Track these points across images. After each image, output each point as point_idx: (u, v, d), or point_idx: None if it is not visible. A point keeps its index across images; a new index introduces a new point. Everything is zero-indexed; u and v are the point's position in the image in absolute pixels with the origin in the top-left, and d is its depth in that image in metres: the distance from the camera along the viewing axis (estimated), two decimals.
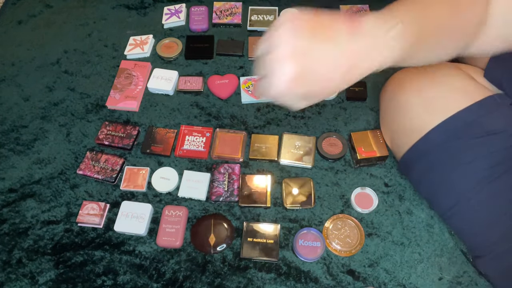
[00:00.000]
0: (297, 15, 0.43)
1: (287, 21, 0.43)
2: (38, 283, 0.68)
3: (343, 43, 0.43)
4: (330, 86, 0.45)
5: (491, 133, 0.61)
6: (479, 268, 0.65)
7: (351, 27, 0.43)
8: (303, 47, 0.42)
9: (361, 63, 0.44)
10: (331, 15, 0.44)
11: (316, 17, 0.43)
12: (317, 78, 0.43)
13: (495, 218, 0.60)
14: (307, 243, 0.69)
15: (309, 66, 0.42)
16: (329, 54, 0.42)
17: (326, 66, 0.43)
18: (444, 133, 0.63)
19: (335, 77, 0.44)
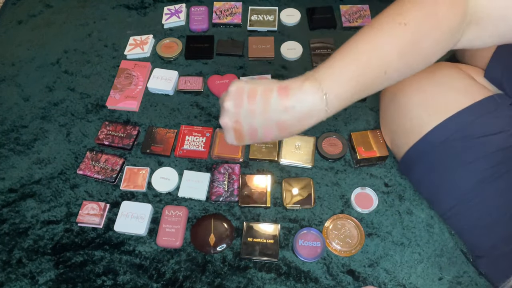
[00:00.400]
0: (240, 89, 0.52)
1: (232, 95, 0.52)
2: (38, 283, 0.68)
3: (276, 116, 0.51)
4: (268, 140, 0.55)
5: (491, 133, 0.61)
6: (480, 268, 0.65)
7: (284, 99, 0.50)
8: (242, 119, 0.53)
9: (293, 127, 0.52)
10: (267, 87, 0.51)
11: (254, 91, 0.52)
12: (256, 137, 0.54)
13: (496, 218, 0.60)
14: (307, 243, 0.69)
15: (247, 132, 0.54)
16: (264, 123, 0.52)
17: (261, 132, 0.53)
18: (444, 133, 0.63)
19: (271, 136, 0.54)
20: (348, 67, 0.49)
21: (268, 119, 0.51)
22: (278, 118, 0.51)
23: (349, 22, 0.97)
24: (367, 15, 0.98)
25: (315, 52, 0.93)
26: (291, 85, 0.50)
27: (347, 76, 0.49)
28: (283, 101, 0.50)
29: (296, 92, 0.49)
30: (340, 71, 0.49)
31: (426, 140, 0.65)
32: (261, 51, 0.94)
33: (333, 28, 0.98)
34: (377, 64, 0.49)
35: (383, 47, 0.49)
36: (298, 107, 0.49)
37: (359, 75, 0.49)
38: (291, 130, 0.52)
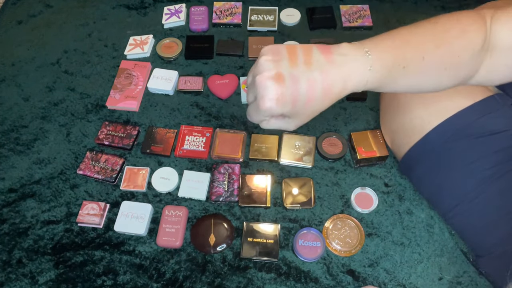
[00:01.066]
0: (277, 45, 0.49)
1: (269, 50, 0.49)
2: (38, 283, 0.68)
3: (319, 68, 0.47)
4: (310, 106, 0.49)
5: (492, 133, 0.61)
6: (481, 267, 0.65)
7: (326, 53, 0.47)
8: (284, 70, 0.47)
9: (337, 84, 0.48)
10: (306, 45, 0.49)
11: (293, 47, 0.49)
12: (298, 98, 0.48)
13: (498, 218, 0.60)
14: (307, 243, 0.69)
15: (290, 87, 0.47)
16: (307, 76, 0.47)
17: (305, 86, 0.47)
18: (445, 133, 0.63)
19: (314, 97, 0.48)
20: (388, 40, 0.49)
21: (312, 69, 0.47)
22: (322, 68, 0.47)
23: (349, 22, 0.97)
24: (367, 15, 0.98)
25: None
26: (330, 45, 0.49)
27: (388, 45, 0.49)
28: (326, 54, 0.47)
29: (337, 48, 0.48)
30: (381, 41, 0.49)
31: (427, 140, 0.65)
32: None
33: (333, 28, 0.98)
34: (415, 44, 0.49)
35: (419, 33, 0.50)
36: (342, 59, 0.47)
37: (398, 47, 0.49)
38: (334, 86, 0.48)
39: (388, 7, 1.01)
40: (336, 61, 0.47)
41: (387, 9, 1.01)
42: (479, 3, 0.75)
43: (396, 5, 1.02)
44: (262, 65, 0.47)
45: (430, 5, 1.01)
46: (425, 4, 1.02)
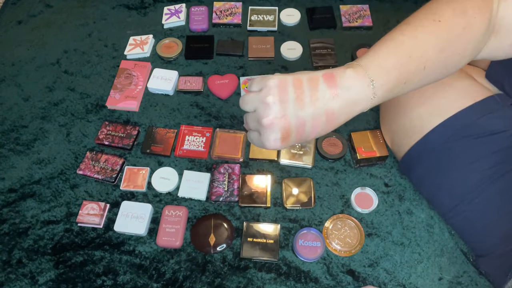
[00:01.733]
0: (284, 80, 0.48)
1: (275, 88, 0.48)
2: (38, 283, 0.68)
3: (325, 105, 0.48)
4: (314, 135, 0.51)
5: (492, 133, 0.61)
6: (481, 267, 0.65)
7: (332, 86, 0.47)
8: (290, 113, 0.48)
9: (340, 117, 0.49)
10: (310, 75, 0.49)
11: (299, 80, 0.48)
12: (303, 135, 0.50)
13: (497, 218, 0.60)
14: (307, 243, 0.69)
15: (295, 129, 0.49)
16: (313, 115, 0.48)
17: (310, 125, 0.49)
18: (445, 133, 0.63)
19: (318, 129, 0.50)
20: (391, 56, 0.48)
21: (317, 108, 0.48)
22: (327, 106, 0.48)
23: (349, 22, 0.97)
24: (367, 15, 0.98)
25: (315, 52, 0.93)
26: (336, 72, 0.48)
27: (391, 64, 0.48)
28: (332, 89, 0.47)
29: (343, 78, 0.48)
30: (385, 59, 0.48)
31: (427, 140, 0.65)
32: (261, 51, 0.94)
33: (333, 28, 0.98)
34: (417, 55, 0.48)
35: (422, 40, 0.49)
36: (347, 94, 0.47)
37: (402, 65, 0.48)
38: (337, 120, 0.49)
39: (388, 7, 1.01)
40: (341, 96, 0.47)
41: (387, 9, 1.01)
42: None
43: (396, 5, 1.02)
44: (269, 107, 0.47)
45: None
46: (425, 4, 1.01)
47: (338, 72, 0.48)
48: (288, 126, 0.48)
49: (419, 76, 0.50)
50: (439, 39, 0.49)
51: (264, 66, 0.92)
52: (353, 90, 0.47)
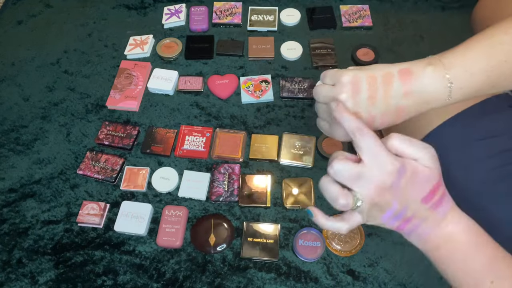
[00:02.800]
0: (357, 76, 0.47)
1: (349, 84, 0.47)
2: (38, 283, 0.68)
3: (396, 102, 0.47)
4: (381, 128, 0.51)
5: (492, 135, 0.61)
6: None
7: (406, 83, 0.46)
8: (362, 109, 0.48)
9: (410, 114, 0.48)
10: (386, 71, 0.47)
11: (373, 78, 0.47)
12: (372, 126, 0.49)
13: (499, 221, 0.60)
14: (307, 243, 0.69)
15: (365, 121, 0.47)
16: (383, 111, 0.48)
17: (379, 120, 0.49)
18: (446, 135, 0.63)
19: (386, 124, 0.49)
20: (483, 58, 0.45)
21: (389, 105, 0.47)
22: (398, 103, 0.47)
23: (349, 22, 0.97)
24: (367, 15, 0.98)
25: (315, 52, 0.93)
26: (413, 69, 0.46)
27: (479, 67, 0.45)
28: (406, 86, 0.46)
29: (419, 77, 0.46)
30: (472, 61, 0.45)
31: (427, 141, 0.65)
32: (261, 51, 0.94)
33: (333, 28, 0.98)
34: (504, 59, 0.45)
35: (505, 41, 0.46)
36: (420, 94, 0.46)
37: (493, 69, 0.45)
38: (407, 115, 0.48)
39: (388, 7, 1.01)
40: (414, 96, 0.46)
41: (387, 9, 1.01)
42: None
43: (396, 5, 1.02)
44: (343, 100, 0.47)
45: (430, 5, 1.01)
46: (425, 4, 1.02)
47: (416, 69, 0.46)
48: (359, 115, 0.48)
49: (510, 80, 0.47)
50: None
51: (264, 66, 0.92)
52: (428, 92, 0.46)
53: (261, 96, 0.86)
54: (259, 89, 0.87)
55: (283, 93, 0.86)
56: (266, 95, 0.87)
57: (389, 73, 0.47)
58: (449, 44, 0.49)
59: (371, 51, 0.91)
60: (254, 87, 0.88)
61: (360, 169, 0.44)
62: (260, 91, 0.87)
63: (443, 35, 0.95)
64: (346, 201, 0.46)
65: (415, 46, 0.93)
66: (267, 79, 0.89)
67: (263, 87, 0.88)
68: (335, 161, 0.45)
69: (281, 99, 0.87)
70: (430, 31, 0.96)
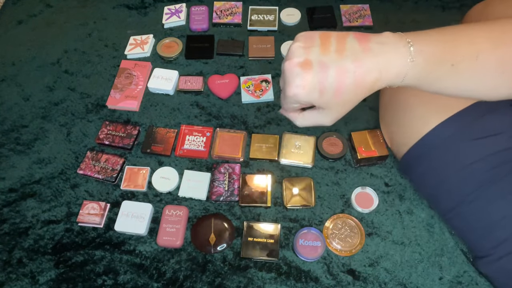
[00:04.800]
0: (311, 32, 0.48)
1: (301, 37, 0.47)
2: (39, 283, 0.68)
3: (352, 55, 0.45)
4: (341, 96, 0.47)
5: (491, 134, 0.61)
6: (480, 269, 0.65)
7: (363, 41, 0.45)
8: (313, 57, 0.46)
9: (371, 73, 0.45)
10: (342, 33, 0.47)
11: (327, 34, 0.47)
12: (326, 86, 0.46)
13: (498, 220, 0.60)
14: (307, 243, 0.69)
15: (317, 74, 0.45)
16: (338, 64, 0.45)
17: (333, 74, 0.45)
18: (444, 134, 0.63)
19: (344, 86, 0.46)
20: (437, 33, 0.45)
21: (344, 57, 0.44)
22: (355, 57, 0.44)
23: (349, 22, 0.97)
24: (367, 14, 0.98)
25: None
26: (369, 34, 0.46)
27: (436, 38, 0.45)
28: (362, 43, 0.44)
29: (376, 36, 0.45)
30: (427, 32, 0.45)
31: (426, 140, 0.65)
32: (261, 50, 0.94)
33: (333, 27, 0.98)
34: (467, 41, 0.45)
35: (473, 31, 0.46)
36: (379, 48, 0.44)
37: (447, 42, 0.44)
38: (368, 74, 0.45)
39: (389, 7, 1.01)
40: (373, 50, 0.44)
41: (387, 8, 1.01)
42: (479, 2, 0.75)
43: (396, 5, 1.02)
44: (293, 51, 0.47)
45: (430, 5, 1.01)
46: (425, 4, 1.02)
47: (372, 34, 0.46)
48: (309, 70, 0.45)
49: (471, 66, 0.45)
50: (493, 35, 0.45)
51: (265, 65, 0.92)
52: (387, 46, 0.44)
53: (261, 96, 0.86)
54: (260, 89, 0.87)
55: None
56: (266, 94, 0.87)
57: (344, 33, 0.47)
58: None
59: None
60: (254, 87, 0.88)
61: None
62: (261, 90, 0.87)
63: None
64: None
65: None
66: (268, 79, 0.89)
67: (263, 86, 0.88)
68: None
69: None
70: None
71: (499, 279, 0.63)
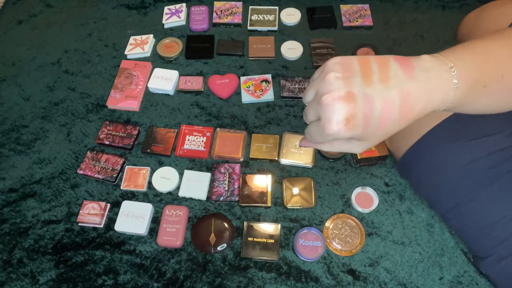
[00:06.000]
0: (347, 58, 0.43)
1: (337, 64, 0.42)
2: (39, 283, 0.68)
3: (398, 85, 0.41)
4: (384, 128, 0.43)
5: (489, 134, 0.61)
6: (480, 269, 0.65)
7: (406, 67, 0.42)
8: (356, 89, 0.41)
9: (417, 104, 0.42)
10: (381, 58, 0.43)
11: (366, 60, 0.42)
12: (371, 121, 0.42)
13: (498, 220, 0.60)
14: (307, 243, 0.69)
15: (362, 109, 0.41)
16: (384, 95, 0.41)
17: (379, 108, 0.41)
18: (442, 135, 0.63)
19: (390, 118, 0.42)
20: (468, 53, 0.44)
21: (389, 86, 0.41)
22: (401, 86, 0.41)
23: (350, 22, 0.97)
24: (367, 14, 0.98)
25: (316, 51, 0.93)
26: (409, 57, 0.43)
27: (470, 59, 0.43)
28: (406, 68, 0.41)
29: (418, 61, 0.42)
30: (462, 54, 0.44)
31: (424, 141, 0.65)
32: (261, 50, 0.94)
33: (334, 27, 0.98)
34: (493, 60, 0.44)
35: (497, 49, 0.45)
36: (424, 76, 0.41)
37: (479, 65, 0.43)
38: (413, 108, 0.42)
39: (389, 7, 1.01)
40: (418, 78, 0.41)
41: (387, 8, 1.01)
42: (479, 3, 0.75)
43: (396, 5, 1.02)
44: (331, 82, 0.41)
45: (431, 4, 1.01)
46: (425, 3, 1.02)
47: (411, 57, 0.43)
48: (353, 105, 0.40)
49: (497, 85, 0.45)
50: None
51: (265, 65, 0.92)
52: (432, 73, 0.41)
53: (261, 96, 0.86)
54: (260, 89, 0.87)
55: (284, 92, 0.86)
56: (266, 94, 0.87)
57: (383, 57, 0.43)
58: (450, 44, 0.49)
59: (372, 50, 0.91)
60: (254, 87, 0.88)
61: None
62: (261, 90, 0.87)
63: (444, 34, 0.95)
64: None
65: (416, 45, 0.93)
66: (268, 79, 0.89)
67: (263, 86, 0.88)
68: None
69: (282, 98, 0.87)
70: (430, 31, 0.96)
71: (501, 281, 0.63)
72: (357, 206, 0.72)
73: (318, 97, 0.43)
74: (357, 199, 0.73)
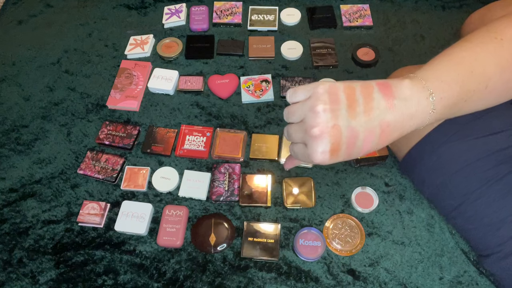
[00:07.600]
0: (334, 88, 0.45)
1: (325, 95, 0.44)
2: (39, 283, 0.68)
3: (380, 116, 0.44)
4: (365, 151, 0.47)
5: (492, 133, 0.61)
6: (485, 267, 0.65)
7: (387, 96, 0.44)
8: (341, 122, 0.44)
9: (395, 132, 0.45)
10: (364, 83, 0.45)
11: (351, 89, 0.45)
12: (353, 150, 0.46)
13: (503, 218, 0.60)
14: (307, 243, 0.69)
15: (347, 141, 0.45)
16: (366, 127, 0.44)
17: (362, 138, 0.45)
18: (445, 134, 0.63)
19: (370, 145, 0.46)
20: (452, 70, 0.46)
21: (372, 119, 0.44)
22: (382, 117, 0.44)
23: (350, 22, 0.97)
24: (367, 14, 0.98)
25: (316, 51, 0.93)
26: (391, 82, 0.45)
27: (452, 78, 0.45)
28: (387, 98, 0.44)
29: (399, 89, 0.44)
30: (445, 72, 0.45)
31: (427, 140, 0.65)
32: (261, 50, 0.94)
33: (334, 27, 0.98)
34: (479, 73, 0.46)
35: (484, 58, 0.46)
36: (404, 106, 0.44)
37: (463, 81, 0.45)
38: (391, 135, 0.45)
39: (389, 7, 1.01)
40: (397, 107, 0.44)
41: (387, 8, 1.01)
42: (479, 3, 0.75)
43: (396, 5, 1.02)
44: (319, 115, 0.44)
45: (431, 4, 1.01)
46: (425, 4, 1.02)
47: (394, 82, 0.45)
48: (339, 137, 0.44)
49: (480, 96, 0.47)
50: (501, 58, 0.47)
51: (265, 65, 0.92)
52: (411, 102, 0.44)
53: (261, 96, 0.86)
54: (260, 89, 0.87)
55: (284, 92, 0.86)
56: (266, 94, 0.87)
57: (367, 84, 0.45)
58: (449, 44, 0.49)
59: (372, 50, 0.91)
60: (254, 87, 0.88)
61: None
62: (261, 90, 0.87)
63: (444, 34, 0.95)
64: None
65: (416, 45, 0.93)
66: (268, 79, 0.89)
67: (263, 86, 0.88)
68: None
69: (282, 98, 0.87)
70: (430, 31, 0.96)
71: (506, 278, 0.62)
72: (357, 206, 0.72)
73: (306, 126, 0.45)
74: (357, 199, 0.73)
